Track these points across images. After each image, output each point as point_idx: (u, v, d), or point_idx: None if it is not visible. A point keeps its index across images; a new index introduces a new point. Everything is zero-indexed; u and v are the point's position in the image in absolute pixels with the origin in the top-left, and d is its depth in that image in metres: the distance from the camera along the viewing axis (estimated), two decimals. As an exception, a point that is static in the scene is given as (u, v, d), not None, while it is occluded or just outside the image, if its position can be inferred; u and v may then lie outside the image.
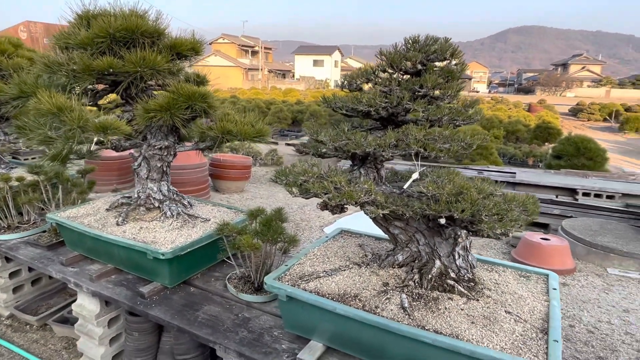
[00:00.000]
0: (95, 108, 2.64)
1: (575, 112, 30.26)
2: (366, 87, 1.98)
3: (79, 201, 3.17)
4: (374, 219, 1.90)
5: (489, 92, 61.28)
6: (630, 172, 8.91)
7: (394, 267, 1.94)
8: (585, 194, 5.76)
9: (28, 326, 3.07)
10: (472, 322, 1.58)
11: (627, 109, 27.70)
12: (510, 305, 1.72)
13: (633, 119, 23.55)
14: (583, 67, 62.23)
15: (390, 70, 1.83)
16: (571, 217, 5.35)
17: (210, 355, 2.37)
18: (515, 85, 71.43)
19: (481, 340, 1.48)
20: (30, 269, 3.18)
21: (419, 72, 1.80)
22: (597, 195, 5.72)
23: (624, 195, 5.65)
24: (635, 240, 4.51)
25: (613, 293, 3.73)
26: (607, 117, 27.41)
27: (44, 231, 3.05)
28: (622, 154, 16.39)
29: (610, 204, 5.60)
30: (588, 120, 28.15)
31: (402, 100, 1.67)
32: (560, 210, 5.53)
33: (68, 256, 2.63)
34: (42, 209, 3.17)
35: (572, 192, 5.89)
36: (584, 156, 8.78)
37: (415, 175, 1.69)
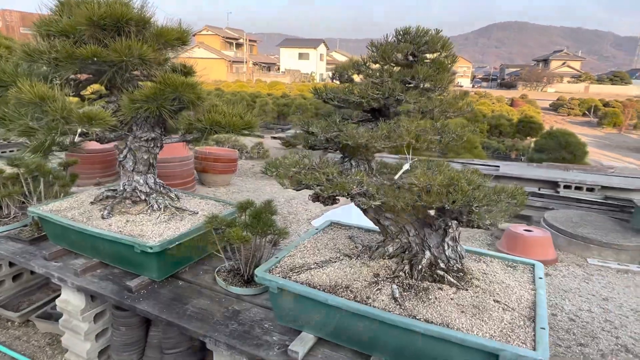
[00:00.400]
0: (77, 99, 2.57)
1: (556, 107, 30.89)
2: (356, 78, 1.97)
3: (62, 194, 3.09)
4: (365, 211, 1.90)
5: (473, 86, 61.94)
6: (609, 165, 9.15)
7: (385, 259, 1.95)
8: (567, 187, 5.90)
9: (9, 323, 2.99)
10: (462, 311, 1.60)
11: (605, 104, 28.41)
12: (498, 294, 1.75)
13: (611, 114, 24.18)
14: (563, 63, 63.39)
15: (381, 62, 1.83)
16: (553, 209, 5.47)
17: (200, 349, 2.35)
18: (498, 80, 72.36)
19: (471, 328, 1.51)
20: (11, 264, 3.09)
21: (410, 63, 1.80)
22: (578, 188, 5.86)
23: (603, 187, 5.80)
24: (614, 231, 4.65)
25: (593, 282, 3.84)
26: (586, 112, 28.06)
27: (25, 225, 2.97)
28: (601, 148, 16.83)
29: (590, 196, 5.75)
30: (568, 115, 28.78)
31: (394, 92, 1.67)
32: (542, 202, 5.66)
33: (51, 250, 2.56)
34: (23, 203, 3.08)
35: (554, 184, 6.02)
36: (565, 150, 8.98)
37: (406, 167, 1.70)
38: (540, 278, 1.91)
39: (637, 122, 23.71)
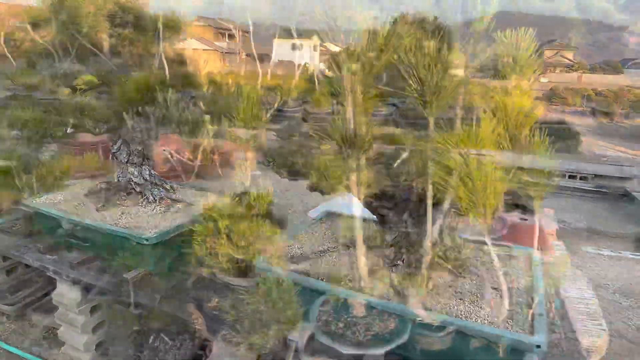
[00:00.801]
0: (69, 89, 2.53)
1: (549, 96, 30.96)
2: (354, 67, 1.94)
3: (55, 187, 3.04)
4: (363, 200, 1.89)
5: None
6: (602, 154, 9.23)
7: (383, 247, 1.95)
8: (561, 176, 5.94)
9: (5, 316, 2.97)
10: (461, 299, 1.61)
11: (598, 94, 28.52)
12: (496, 281, 1.76)
13: (603, 103, 24.27)
14: (556, 53, 63.39)
15: (378, 49, 1.80)
16: (547, 197, 5.50)
17: (199, 340, 2.35)
18: (492, 71, 72.25)
19: (470, 315, 1.52)
20: (4, 258, 3.05)
21: (408, 50, 1.78)
22: (572, 177, 5.90)
23: (597, 176, 5.85)
24: (607, 219, 4.70)
25: (587, 269, 3.88)
26: (579, 102, 28.17)
27: (18, 218, 2.93)
28: (594, 137, 16.92)
29: (583, 185, 5.79)
30: (561, 104, 28.88)
31: (392, 80, 1.65)
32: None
33: (45, 244, 2.54)
34: (16, 196, 3.03)
35: (548, 173, 6.05)
36: (558, 139, 9.03)
37: (405, 155, 1.69)
38: (537, 266, 1.92)
39: (629, 112, 23.87)
